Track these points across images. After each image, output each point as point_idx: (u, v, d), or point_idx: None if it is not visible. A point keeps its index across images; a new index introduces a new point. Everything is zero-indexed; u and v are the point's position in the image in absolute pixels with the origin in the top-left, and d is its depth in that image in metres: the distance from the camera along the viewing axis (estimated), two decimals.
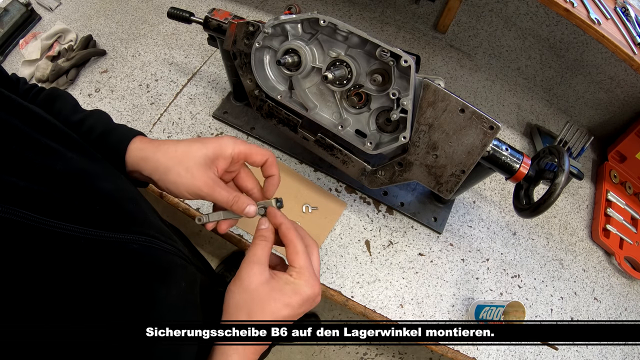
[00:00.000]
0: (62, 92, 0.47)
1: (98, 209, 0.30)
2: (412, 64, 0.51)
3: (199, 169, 0.39)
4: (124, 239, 0.31)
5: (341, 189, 0.79)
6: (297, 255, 0.37)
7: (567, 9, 0.69)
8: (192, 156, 0.40)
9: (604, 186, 0.89)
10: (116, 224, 0.31)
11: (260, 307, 0.35)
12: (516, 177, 0.58)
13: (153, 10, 1.02)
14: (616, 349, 0.73)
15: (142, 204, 0.38)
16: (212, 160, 0.40)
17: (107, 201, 0.32)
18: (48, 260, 0.25)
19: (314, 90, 0.62)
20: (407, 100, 0.53)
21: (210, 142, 0.41)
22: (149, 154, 0.41)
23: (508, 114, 0.99)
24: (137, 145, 0.41)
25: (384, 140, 0.60)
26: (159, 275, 0.33)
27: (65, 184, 0.29)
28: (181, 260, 0.38)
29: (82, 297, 0.26)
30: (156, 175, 0.40)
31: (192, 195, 0.40)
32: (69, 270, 0.26)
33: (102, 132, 0.42)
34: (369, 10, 1.11)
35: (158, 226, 0.37)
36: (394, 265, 0.73)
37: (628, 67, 0.79)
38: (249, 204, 0.41)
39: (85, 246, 0.27)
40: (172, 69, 0.91)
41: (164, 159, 0.40)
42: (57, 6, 1.01)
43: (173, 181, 0.39)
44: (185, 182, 0.39)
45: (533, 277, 0.77)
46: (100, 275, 0.28)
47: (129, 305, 0.30)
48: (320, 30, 0.58)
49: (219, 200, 0.40)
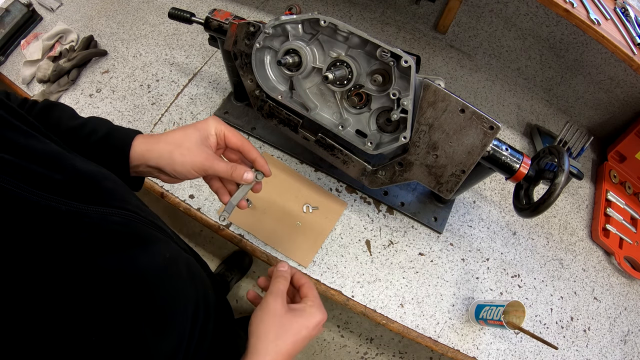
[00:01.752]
0: (57, 102, 0.50)
1: (77, 184, 0.33)
2: (412, 64, 0.51)
3: (198, 147, 0.45)
4: (104, 211, 0.33)
5: (342, 189, 0.79)
6: (310, 290, 0.46)
7: (567, 10, 0.70)
8: (189, 138, 0.45)
9: (603, 186, 0.90)
10: (95, 198, 0.33)
11: (285, 329, 0.41)
12: (516, 177, 0.58)
13: (154, 11, 1.02)
14: (616, 349, 0.74)
15: (120, 184, 0.40)
16: (205, 139, 0.46)
17: (86, 178, 0.34)
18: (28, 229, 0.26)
19: (315, 90, 0.63)
20: (408, 101, 0.54)
21: (199, 124, 0.47)
22: (153, 146, 0.45)
23: (508, 114, 0.99)
24: (140, 140, 0.46)
25: (384, 140, 0.61)
26: (140, 244, 0.35)
27: (47, 160, 0.32)
28: (163, 237, 0.40)
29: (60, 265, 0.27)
30: (162, 161, 0.45)
31: (197, 171, 0.45)
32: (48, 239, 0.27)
33: (106, 133, 0.45)
34: (369, 11, 1.11)
35: (137, 204, 0.40)
36: (395, 265, 0.73)
37: (628, 67, 0.79)
38: (246, 170, 0.47)
39: (66, 216, 0.29)
40: (173, 69, 0.92)
41: (166, 146, 0.45)
42: (58, 7, 1.01)
43: (179, 162, 0.44)
44: (190, 159, 0.44)
45: (533, 277, 0.77)
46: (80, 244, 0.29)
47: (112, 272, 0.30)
48: (320, 31, 0.58)
49: (220, 171, 0.45)
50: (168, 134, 0.46)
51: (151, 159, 0.45)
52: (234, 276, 1.47)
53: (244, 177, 0.46)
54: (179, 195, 0.75)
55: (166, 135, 0.46)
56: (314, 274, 0.70)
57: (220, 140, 0.48)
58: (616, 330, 0.76)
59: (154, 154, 0.45)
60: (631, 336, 0.76)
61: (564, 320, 0.74)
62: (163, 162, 0.45)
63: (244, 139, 0.49)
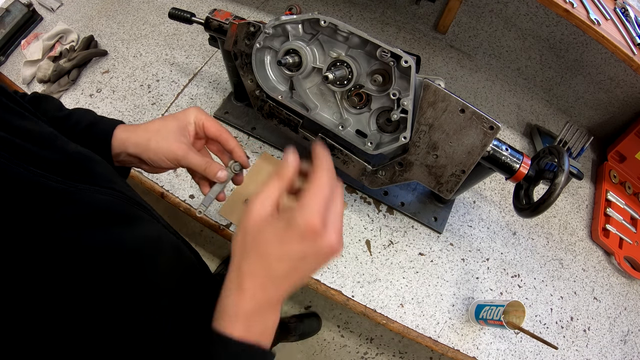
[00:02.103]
0: (45, 94, 0.51)
1: (68, 164, 0.33)
2: (412, 64, 0.51)
3: (174, 136, 0.45)
4: (91, 188, 0.33)
5: None
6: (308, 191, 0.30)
7: (567, 10, 0.70)
8: (167, 127, 0.46)
9: (603, 186, 0.90)
10: (85, 178, 0.34)
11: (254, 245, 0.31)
12: (516, 177, 0.58)
13: (154, 11, 1.02)
14: (616, 349, 0.74)
15: (109, 168, 0.40)
16: (183, 128, 0.46)
17: (77, 159, 0.35)
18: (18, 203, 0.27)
19: (315, 90, 0.63)
20: (408, 101, 0.54)
21: (179, 114, 0.47)
22: (131, 134, 0.46)
23: (508, 114, 0.99)
24: (121, 129, 0.47)
25: (384, 140, 0.61)
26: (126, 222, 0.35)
27: (40, 140, 0.32)
28: (149, 217, 0.40)
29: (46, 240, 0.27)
30: (139, 149, 0.45)
31: (171, 161, 0.45)
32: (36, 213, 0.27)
33: (89, 124, 0.47)
34: (369, 11, 1.11)
35: (124, 186, 0.40)
36: (395, 265, 0.73)
37: (628, 68, 0.79)
38: (220, 168, 0.46)
39: (55, 192, 0.30)
40: (174, 69, 0.92)
41: (144, 133, 0.46)
42: (58, 7, 1.01)
43: (154, 150, 0.44)
44: (164, 148, 0.44)
45: (533, 277, 0.77)
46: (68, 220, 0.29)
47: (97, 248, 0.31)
48: (320, 31, 0.58)
49: (193, 164, 0.45)
50: (148, 122, 0.47)
51: (129, 146, 0.45)
52: None
53: (217, 176, 0.46)
54: (179, 195, 0.75)
55: (146, 124, 0.47)
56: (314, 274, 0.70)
57: (200, 129, 0.48)
58: (616, 330, 0.76)
59: (132, 141, 0.46)
60: (631, 336, 0.76)
61: (563, 320, 0.74)
62: (140, 149, 0.45)
63: (223, 128, 0.49)
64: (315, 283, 0.69)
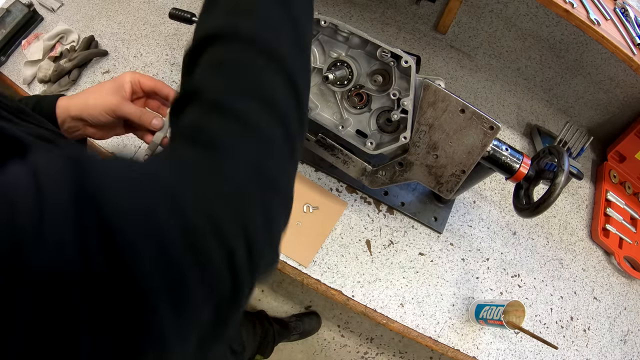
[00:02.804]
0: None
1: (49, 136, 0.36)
2: (412, 64, 0.51)
3: (110, 93, 0.49)
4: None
5: (342, 189, 0.79)
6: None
7: (567, 10, 0.70)
8: (104, 87, 0.50)
9: (603, 186, 0.90)
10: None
11: None
12: (516, 177, 0.59)
13: (155, 11, 1.02)
14: (616, 348, 0.74)
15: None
16: (119, 86, 0.50)
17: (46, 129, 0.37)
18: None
19: (315, 90, 0.63)
20: (408, 101, 0.54)
21: (116, 77, 0.51)
22: (72, 99, 0.50)
23: (508, 114, 1.00)
24: (63, 98, 0.51)
25: (384, 140, 0.61)
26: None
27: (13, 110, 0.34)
28: None
29: None
30: (79, 108, 0.49)
31: (107, 112, 0.48)
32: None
33: (35, 102, 0.50)
34: (369, 11, 1.11)
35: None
36: (395, 265, 0.73)
37: (627, 68, 0.79)
38: (155, 116, 0.50)
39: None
40: (174, 69, 0.92)
41: (83, 95, 0.50)
42: (59, 7, 1.01)
43: (92, 105, 0.48)
44: (100, 102, 0.48)
45: (533, 277, 0.77)
46: None
47: None
48: (321, 31, 0.58)
49: (129, 112, 0.49)
50: (86, 90, 0.51)
51: (71, 108, 0.49)
52: None
53: (152, 123, 0.49)
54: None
55: (84, 90, 0.51)
56: (315, 273, 0.70)
57: (136, 86, 0.51)
58: (616, 330, 0.76)
59: (73, 103, 0.49)
60: (631, 336, 0.76)
61: (563, 320, 0.74)
62: (80, 108, 0.49)
63: (158, 80, 0.52)
64: (316, 283, 0.69)
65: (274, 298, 1.52)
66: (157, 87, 0.52)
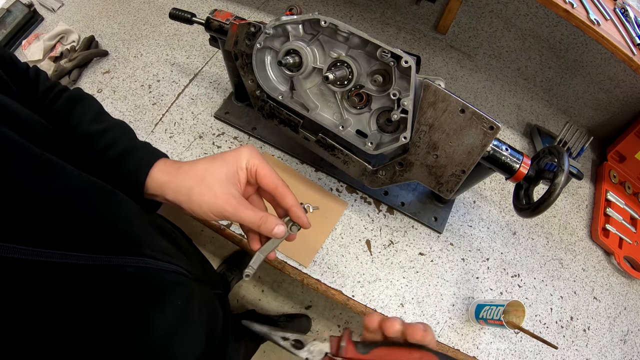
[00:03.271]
0: (86, 96, 0.45)
1: (90, 231, 0.30)
2: (412, 64, 0.51)
3: (221, 187, 0.38)
4: (118, 262, 0.31)
5: (342, 189, 0.79)
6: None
7: (567, 10, 0.70)
8: (213, 174, 0.38)
9: (603, 186, 0.90)
10: (110, 246, 0.31)
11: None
12: (516, 177, 0.59)
13: (155, 11, 1.02)
14: (616, 348, 0.74)
15: (138, 222, 0.36)
16: (233, 175, 0.39)
17: (100, 223, 0.31)
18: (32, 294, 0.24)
19: (315, 90, 0.63)
20: (408, 101, 0.54)
21: (229, 155, 0.40)
22: (172, 178, 0.39)
23: (508, 114, 1.00)
24: (160, 168, 0.40)
25: (384, 140, 0.61)
26: (153, 298, 0.34)
27: (55, 209, 0.28)
28: (178, 277, 0.38)
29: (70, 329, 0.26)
30: (180, 197, 0.39)
31: (217, 216, 0.38)
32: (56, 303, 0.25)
33: (122, 153, 0.40)
34: (369, 11, 1.11)
35: (155, 244, 0.37)
36: (395, 265, 0.73)
37: (627, 68, 0.79)
38: (278, 223, 0.39)
39: (81, 274, 0.27)
40: (174, 69, 0.92)
41: (185, 180, 0.39)
42: (59, 7, 1.01)
43: (197, 202, 0.38)
44: (208, 201, 0.37)
45: (533, 277, 0.77)
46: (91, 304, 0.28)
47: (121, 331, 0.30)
48: (321, 31, 0.58)
49: (245, 221, 0.38)
50: (191, 164, 0.40)
51: (168, 192, 0.39)
52: (235, 276, 1.47)
53: (273, 232, 0.39)
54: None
55: (189, 166, 0.39)
56: (315, 273, 0.70)
57: (251, 176, 0.41)
58: (616, 329, 0.76)
59: (172, 186, 0.39)
60: (631, 336, 0.76)
61: (563, 319, 0.74)
62: (180, 198, 0.38)
63: (280, 180, 0.41)
64: (316, 283, 0.69)
65: (274, 298, 1.53)
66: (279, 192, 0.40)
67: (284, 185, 0.41)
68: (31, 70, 0.42)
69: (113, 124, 0.43)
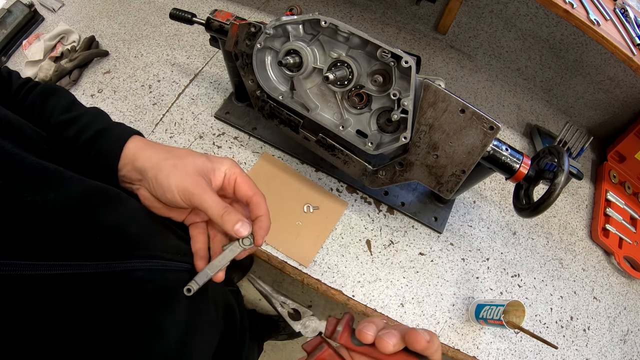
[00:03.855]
0: (58, 88, 0.44)
1: (98, 238, 0.29)
2: (412, 64, 0.51)
3: (195, 170, 0.37)
4: (127, 267, 0.30)
5: (342, 189, 0.79)
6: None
7: (567, 10, 0.70)
8: (192, 159, 0.38)
9: (603, 186, 0.90)
10: (118, 251, 0.30)
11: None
12: (516, 177, 0.59)
13: (155, 12, 1.02)
14: (615, 348, 0.74)
15: (144, 222, 0.36)
16: (210, 170, 0.38)
17: (107, 229, 0.30)
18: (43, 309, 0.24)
19: (315, 90, 0.63)
20: (408, 101, 0.54)
21: (213, 157, 0.40)
22: (148, 146, 0.38)
23: (508, 115, 1.00)
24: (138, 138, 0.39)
25: (384, 140, 0.61)
26: (163, 301, 0.33)
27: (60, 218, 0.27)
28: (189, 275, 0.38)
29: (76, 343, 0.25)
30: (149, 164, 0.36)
31: (180, 195, 0.35)
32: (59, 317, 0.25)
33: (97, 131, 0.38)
34: (369, 12, 1.11)
35: (164, 244, 0.36)
36: (395, 265, 0.73)
37: (627, 68, 0.80)
38: (241, 219, 0.35)
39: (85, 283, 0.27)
40: (174, 69, 0.92)
41: (164, 152, 0.38)
42: (60, 7, 1.02)
43: (166, 172, 0.35)
44: (178, 174, 0.35)
45: (533, 277, 0.77)
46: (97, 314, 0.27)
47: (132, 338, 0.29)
48: (321, 31, 0.58)
49: (209, 206, 0.35)
50: (173, 147, 0.40)
51: (140, 158, 0.37)
52: (235, 276, 1.47)
53: (235, 228, 0.35)
54: None
55: (170, 146, 0.39)
56: (315, 273, 0.70)
57: (229, 183, 0.39)
58: (616, 329, 0.76)
59: (147, 153, 0.37)
60: (631, 335, 0.76)
61: (563, 319, 0.74)
62: (149, 164, 0.36)
63: (258, 190, 0.39)
64: (316, 283, 0.69)
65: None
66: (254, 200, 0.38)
67: (261, 195, 0.39)
68: (3, 69, 0.42)
69: (85, 110, 0.41)
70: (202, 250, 0.39)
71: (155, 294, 0.32)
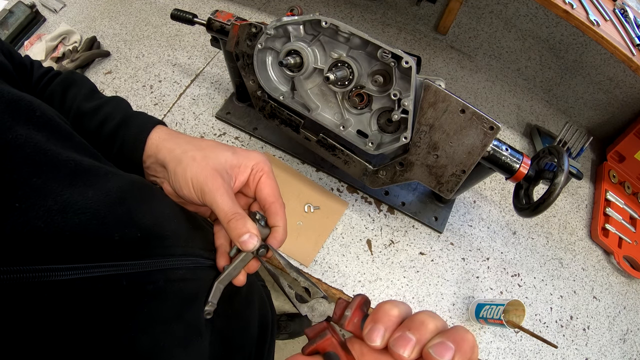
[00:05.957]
0: (80, 77, 0.43)
1: (139, 236, 0.27)
2: (413, 65, 0.51)
3: (215, 165, 0.34)
4: (169, 266, 0.29)
5: (343, 189, 0.80)
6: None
7: (567, 11, 0.70)
8: (216, 151, 0.35)
9: (603, 186, 0.90)
10: (158, 249, 0.29)
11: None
12: (516, 177, 0.59)
13: (156, 12, 1.03)
14: (615, 347, 0.74)
15: (183, 218, 0.34)
16: (235, 166, 0.35)
17: (146, 226, 0.29)
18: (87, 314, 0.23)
19: (316, 91, 0.63)
20: (408, 101, 0.54)
21: (240, 149, 0.37)
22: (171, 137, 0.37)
23: (508, 115, 1.00)
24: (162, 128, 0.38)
25: (385, 140, 0.61)
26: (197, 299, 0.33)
27: (100, 216, 0.25)
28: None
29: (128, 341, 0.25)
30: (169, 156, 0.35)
31: (194, 186, 0.33)
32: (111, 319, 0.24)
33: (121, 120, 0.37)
34: (370, 12, 1.12)
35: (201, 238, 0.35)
36: (395, 264, 0.73)
37: (627, 68, 0.80)
38: (249, 230, 0.32)
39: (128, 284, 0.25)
40: (176, 70, 0.92)
41: (185, 142, 0.36)
42: (61, 8, 1.02)
43: (185, 164, 0.33)
44: (196, 167, 0.33)
45: (533, 276, 0.77)
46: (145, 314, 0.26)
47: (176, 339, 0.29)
48: (322, 32, 0.58)
49: (219, 206, 0.32)
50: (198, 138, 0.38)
51: (163, 150, 0.35)
52: None
53: (241, 239, 0.32)
54: None
55: (195, 137, 0.38)
56: (316, 273, 0.70)
57: (253, 181, 0.37)
58: (615, 329, 0.76)
59: (169, 145, 0.36)
60: (630, 335, 0.76)
61: (563, 319, 0.74)
62: (170, 158, 0.35)
63: (280, 198, 0.36)
64: (317, 282, 0.70)
65: (275, 297, 1.52)
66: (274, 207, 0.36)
67: (282, 204, 0.36)
68: (25, 58, 0.41)
69: (107, 100, 0.40)
70: (223, 246, 0.37)
71: (196, 293, 0.32)
